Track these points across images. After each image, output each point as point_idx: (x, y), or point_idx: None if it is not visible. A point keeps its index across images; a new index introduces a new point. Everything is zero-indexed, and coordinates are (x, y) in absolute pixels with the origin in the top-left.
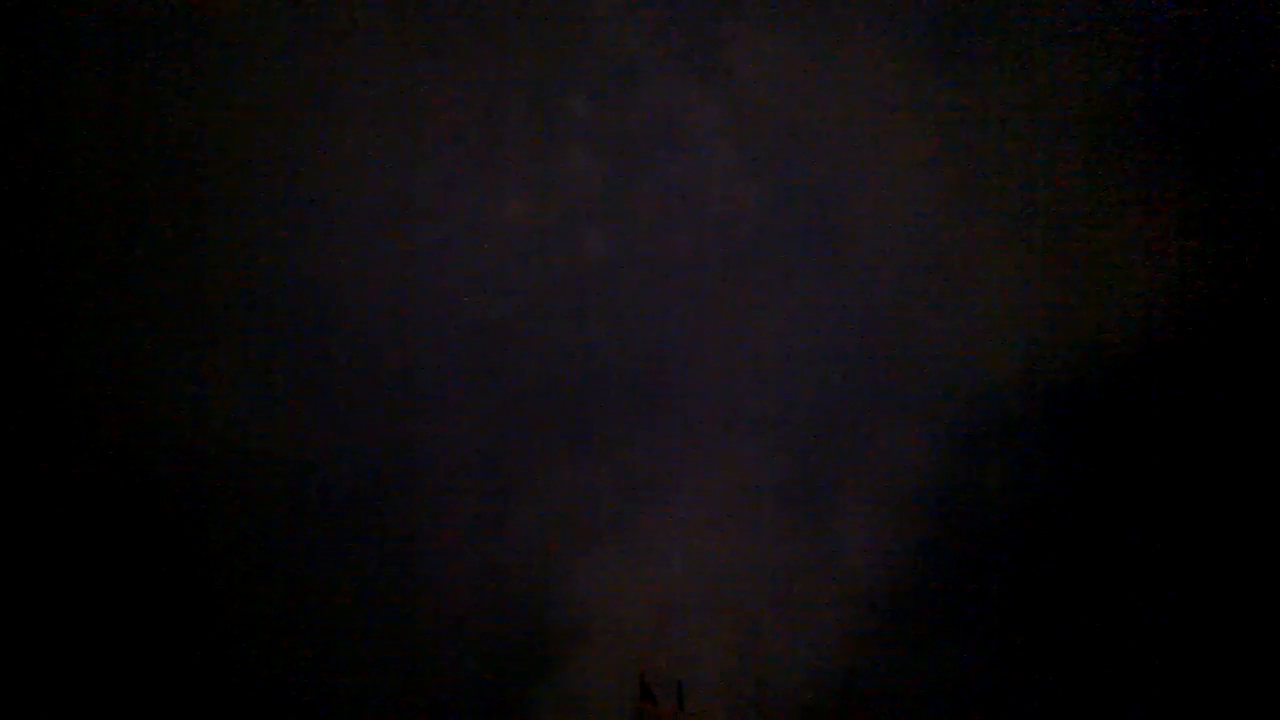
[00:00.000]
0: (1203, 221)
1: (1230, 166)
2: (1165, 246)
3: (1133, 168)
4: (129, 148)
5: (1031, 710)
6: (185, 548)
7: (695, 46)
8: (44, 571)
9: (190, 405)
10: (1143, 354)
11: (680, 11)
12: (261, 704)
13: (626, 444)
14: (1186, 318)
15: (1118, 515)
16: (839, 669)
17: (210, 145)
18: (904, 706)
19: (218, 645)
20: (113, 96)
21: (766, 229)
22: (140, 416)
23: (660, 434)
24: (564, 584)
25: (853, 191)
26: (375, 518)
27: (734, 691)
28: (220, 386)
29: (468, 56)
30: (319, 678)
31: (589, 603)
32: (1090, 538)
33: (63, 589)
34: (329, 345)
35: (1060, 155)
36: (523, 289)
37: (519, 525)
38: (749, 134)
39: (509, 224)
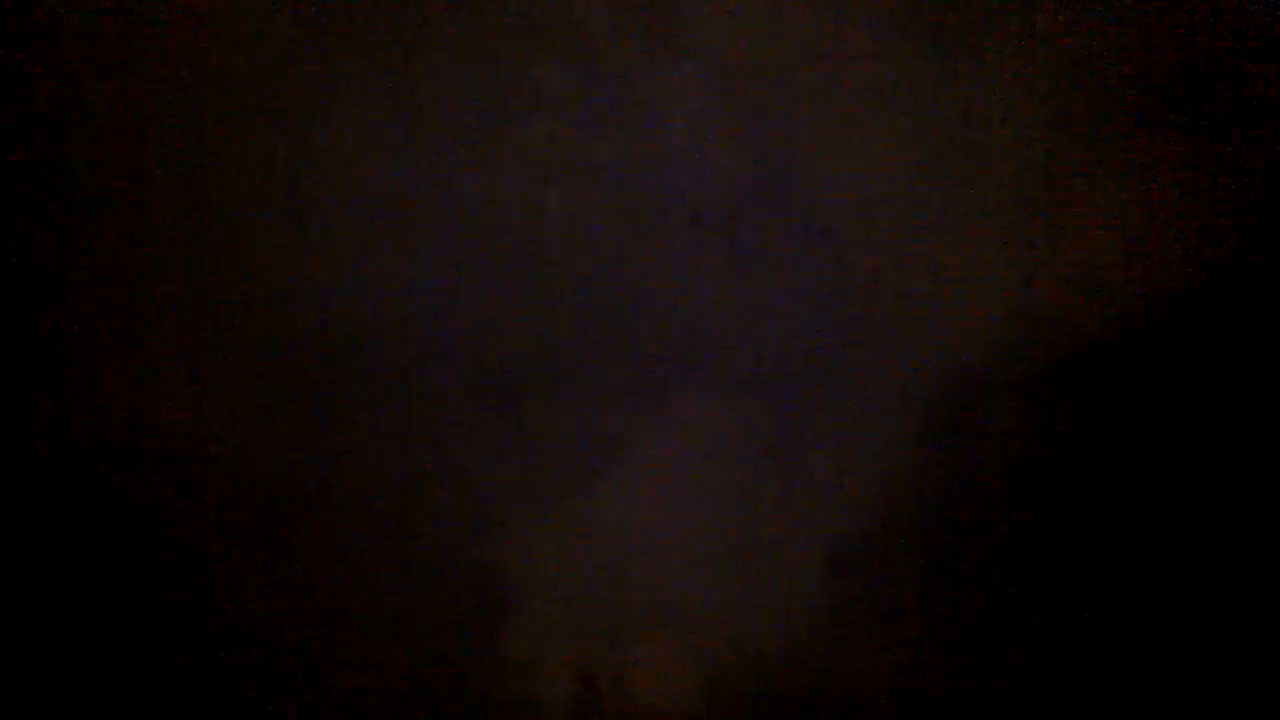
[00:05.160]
0: (1197, 196)
1: (1227, 138)
2: (1156, 220)
3: (1123, 138)
4: (128, 147)
5: (1011, 687)
6: (182, 543)
7: (655, 9)
8: (36, 572)
9: (188, 403)
10: (1128, 332)
11: None
12: (227, 685)
13: (580, 407)
14: (1179, 293)
15: (1101, 488)
16: (813, 642)
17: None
18: (884, 675)
19: (195, 627)
20: (112, 96)
21: (736, 190)
22: (137, 412)
23: (617, 396)
24: (507, 549)
25: (827, 154)
26: (295, 491)
27: (696, 662)
28: (216, 384)
29: (419, 24)
30: (255, 659)
31: (535, 568)
32: (1075, 511)
33: (56, 589)
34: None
35: (1049, 126)
36: (476, 255)
37: (456, 490)
38: (715, 97)
39: (465, 191)
